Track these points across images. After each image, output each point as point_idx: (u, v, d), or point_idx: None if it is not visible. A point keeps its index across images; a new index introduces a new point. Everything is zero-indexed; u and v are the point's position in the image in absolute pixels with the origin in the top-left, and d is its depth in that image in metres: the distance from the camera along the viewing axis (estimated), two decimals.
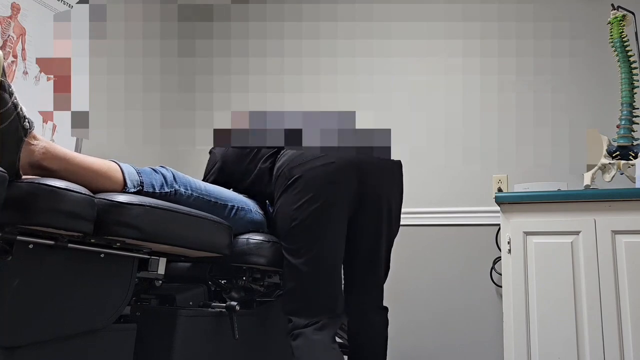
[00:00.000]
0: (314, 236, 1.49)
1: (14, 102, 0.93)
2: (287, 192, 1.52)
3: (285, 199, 1.52)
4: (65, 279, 1.01)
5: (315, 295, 1.47)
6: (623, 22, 2.12)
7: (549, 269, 1.91)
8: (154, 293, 1.36)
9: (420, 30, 2.79)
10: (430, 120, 2.69)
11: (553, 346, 1.85)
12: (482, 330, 2.44)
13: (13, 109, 0.93)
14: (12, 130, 0.94)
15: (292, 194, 1.51)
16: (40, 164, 1.04)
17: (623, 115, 2.09)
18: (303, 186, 1.49)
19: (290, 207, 1.50)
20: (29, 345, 0.94)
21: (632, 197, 1.86)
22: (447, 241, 2.57)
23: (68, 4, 2.35)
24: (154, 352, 1.21)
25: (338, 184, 1.51)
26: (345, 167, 1.52)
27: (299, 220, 1.48)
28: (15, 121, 0.95)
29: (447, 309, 2.51)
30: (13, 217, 0.90)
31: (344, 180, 1.52)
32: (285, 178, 1.53)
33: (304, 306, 1.47)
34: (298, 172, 1.51)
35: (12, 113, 0.93)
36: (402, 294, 2.54)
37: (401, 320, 2.51)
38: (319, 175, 1.49)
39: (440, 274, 2.55)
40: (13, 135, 0.95)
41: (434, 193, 2.62)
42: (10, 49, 2.10)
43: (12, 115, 0.93)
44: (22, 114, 0.96)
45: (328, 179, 1.50)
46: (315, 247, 1.48)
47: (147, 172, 1.28)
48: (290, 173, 1.52)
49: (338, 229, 1.52)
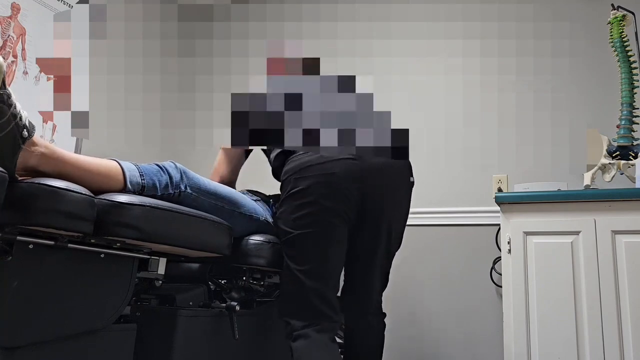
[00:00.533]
0: (313, 247, 1.50)
1: (12, 112, 0.95)
2: (290, 200, 1.53)
3: (288, 206, 1.53)
4: (65, 279, 1.01)
5: (313, 302, 1.47)
6: (623, 22, 2.12)
7: (549, 269, 1.91)
8: (154, 293, 1.36)
9: (420, 30, 2.78)
10: (430, 120, 2.69)
11: (553, 346, 1.85)
12: (482, 330, 2.44)
13: (12, 119, 0.95)
14: (9, 139, 0.95)
15: (295, 204, 1.52)
16: (36, 169, 1.04)
17: (623, 115, 2.08)
18: (305, 198, 1.50)
19: (291, 216, 1.51)
20: (29, 345, 0.94)
21: (632, 197, 1.86)
22: (447, 241, 2.57)
23: (68, 4, 2.35)
24: (154, 352, 1.21)
25: (339, 197, 1.51)
26: (347, 180, 1.52)
27: (299, 231, 1.49)
28: (14, 130, 0.96)
29: (447, 309, 2.51)
30: (13, 217, 0.90)
31: (345, 193, 1.52)
32: (290, 186, 1.54)
33: (302, 310, 1.47)
34: (303, 184, 1.51)
35: (10, 123, 0.95)
36: (402, 294, 2.54)
37: (401, 320, 2.51)
38: (321, 188, 1.50)
39: (440, 274, 2.55)
40: (10, 143, 0.96)
41: (434, 193, 2.62)
42: (10, 49, 2.10)
43: (10, 126, 0.95)
44: (21, 124, 0.97)
45: (330, 191, 1.50)
46: (314, 257, 1.49)
47: (152, 171, 1.25)
48: (296, 184, 1.53)
49: (338, 241, 1.53)
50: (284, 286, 1.54)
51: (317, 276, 1.48)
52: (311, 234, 1.49)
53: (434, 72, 2.75)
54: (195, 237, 1.23)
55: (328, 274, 1.51)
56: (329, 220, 1.50)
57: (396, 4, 2.86)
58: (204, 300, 1.47)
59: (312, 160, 1.54)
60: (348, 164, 1.53)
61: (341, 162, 1.53)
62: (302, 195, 1.51)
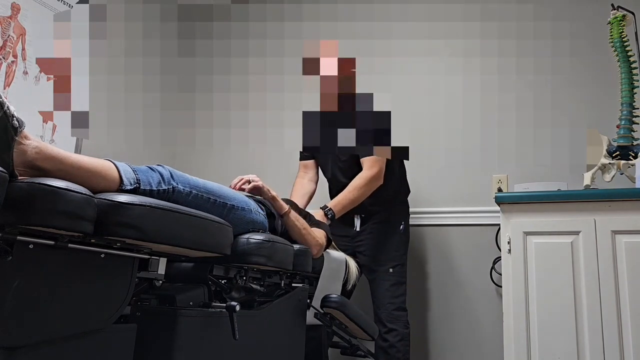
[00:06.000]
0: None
1: (0, 101, 0.92)
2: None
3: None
4: (65, 279, 1.01)
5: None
6: (623, 22, 2.12)
7: (549, 269, 1.91)
8: (154, 293, 1.36)
9: (420, 30, 2.78)
10: (430, 120, 2.69)
11: (553, 346, 1.85)
12: (482, 330, 2.44)
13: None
14: (1, 129, 0.93)
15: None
16: (33, 164, 1.02)
17: (623, 115, 2.08)
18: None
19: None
20: (29, 345, 0.94)
21: (632, 197, 1.86)
22: (447, 241, 2.57)
23: (68, 4, 2.35)
24: (154, 352, 1.21)
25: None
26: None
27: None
28: (4, 120, 0.93)
29: (447, 308, 2.51)
30: (13, 217, 0.90)
31: None
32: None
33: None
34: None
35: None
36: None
37: None
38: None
39: (440, 274, 2.55)
40: (2, 134, 0.93)
41: (434, 193, 2.62)
42: (10, 49, 2.10)
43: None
44: (9, 113, 0.94)
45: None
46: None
47: (143, 170, 1.27)
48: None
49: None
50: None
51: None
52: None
53: (434, 72, 2.75)
54: (195, 236, 1.23)
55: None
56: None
57: (396, 4, 2.86)
58: (204, 300, 1.47)
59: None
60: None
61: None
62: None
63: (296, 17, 2.99)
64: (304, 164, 2.44)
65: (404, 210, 2.35)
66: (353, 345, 1.95)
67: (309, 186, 2.39)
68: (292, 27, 2.95)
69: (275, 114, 2.85)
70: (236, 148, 2.96)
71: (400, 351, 2.12)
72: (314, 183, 2.41)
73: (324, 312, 1.79)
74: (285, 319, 1.67)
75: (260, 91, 2.94)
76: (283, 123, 2.74)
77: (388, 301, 2.18)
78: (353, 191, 2.13)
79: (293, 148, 2.42)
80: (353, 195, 2.12)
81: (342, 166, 2.26)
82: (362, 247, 2.26)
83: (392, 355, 2.12)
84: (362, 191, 2.13)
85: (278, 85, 2.86)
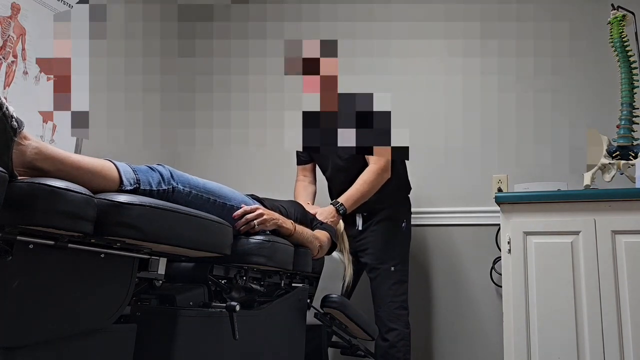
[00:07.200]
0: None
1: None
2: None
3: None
4: (65, 279, 1.01)
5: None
6: (623, 22, 2.12)
7: (549, 269, 1.91)
8: (154, 293, 1.36)
9: (420, 30, 2.78)
10: (430, 120, 2.69)
11: (553, 346, 1.85)
12: (482, 331, 2.44)
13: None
14: (0, 130, 0.93)
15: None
16: (33, 164, 1.02)
17: (623, 115, 2.08)
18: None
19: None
20: (29, 345, 0.94)
21: (632, 197, 1.86)
22: (447, 241, 2.57)
23: (68, 4, 2.35)
24: (154, 352, 1.21)
25: None
26: None
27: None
28: (2, 121, 0.93)
29: (447, 308, 2.51)
30: (13, 217, 0.90)
31: None
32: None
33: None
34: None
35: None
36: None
37: None
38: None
39: (440, 274, 2.55)
40: (1, 135, 0.93)
41: (434, 193, 2.62)
42: (10, 49, 2.10)
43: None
44: (8, 114, 0.94)
45: None
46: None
47: (143, 170, 1.27)
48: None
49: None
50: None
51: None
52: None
53: (434, 72, 2.75)
54: (195, 236, 1.23)
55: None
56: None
57: (396, 4, 2.86)
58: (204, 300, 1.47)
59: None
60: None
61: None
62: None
63: (296, 17, 2.99)
64: (303, 167, 2.46)
65: (405, 208, 2.35)
66: (353, 345, 1.95)
67: (311, 188, 2.42)
68: (292, 27, 2.95)
69: (275, 114, 2.85)
70: (236, 148, 2.96)
71: (401, 351, 2.12)
72: (314, 185, 2.45)
73: (324, 312, 1.79)
74: (285, 319, 1.67)
75: (260, 91, 2.94)
76: (283, 123, 2.74)
77: (390, 300, 2.17)
78: (363, 184, 2.13)
79: (293, 148, 2.42)
80: (364, 188, 2.13)
81: (342, 165, 2.26)
82: (366, 246, 2.26)
83: (392, 355, 2.11)
84: (372, 185, 2.13)
85: (278, 85, 2.85)
